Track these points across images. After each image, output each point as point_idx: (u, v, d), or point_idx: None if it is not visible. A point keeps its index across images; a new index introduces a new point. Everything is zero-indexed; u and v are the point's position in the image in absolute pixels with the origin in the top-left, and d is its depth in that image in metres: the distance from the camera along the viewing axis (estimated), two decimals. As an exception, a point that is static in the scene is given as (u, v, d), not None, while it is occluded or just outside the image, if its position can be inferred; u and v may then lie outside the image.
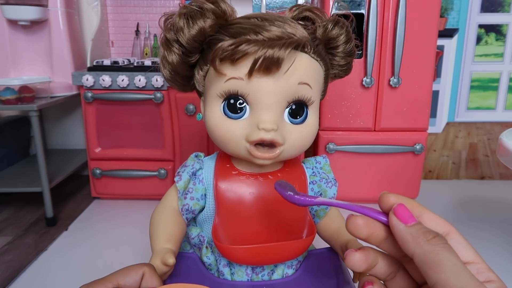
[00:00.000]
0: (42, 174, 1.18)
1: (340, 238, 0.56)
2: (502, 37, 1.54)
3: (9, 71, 1.40)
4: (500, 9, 1.51)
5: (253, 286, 0.52)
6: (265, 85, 0.45)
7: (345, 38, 0.52)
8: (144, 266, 0.38)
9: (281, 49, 0.43)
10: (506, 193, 1.50)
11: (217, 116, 0.49)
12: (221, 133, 0.49)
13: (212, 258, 0.55)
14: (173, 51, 0.50)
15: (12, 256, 1.04)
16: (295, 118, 0.49)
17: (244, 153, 0.49)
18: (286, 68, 0.45)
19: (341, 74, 0.57)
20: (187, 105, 1.27)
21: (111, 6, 1.56)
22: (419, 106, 1.26)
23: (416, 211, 0.30)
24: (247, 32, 0.45)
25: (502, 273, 0.31)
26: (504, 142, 0.86)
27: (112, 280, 0.35)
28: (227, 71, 0.46)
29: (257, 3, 1.42)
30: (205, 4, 0.47)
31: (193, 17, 0.47)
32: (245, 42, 0.43)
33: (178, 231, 0.53)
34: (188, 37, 0.48)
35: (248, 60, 0.44)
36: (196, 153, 0.59)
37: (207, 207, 0.55)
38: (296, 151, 0.51)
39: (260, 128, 0.46)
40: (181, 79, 0.53)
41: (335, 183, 0.58)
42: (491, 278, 0.28)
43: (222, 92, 0.47)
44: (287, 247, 0.50)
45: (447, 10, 1.51)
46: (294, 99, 0.48)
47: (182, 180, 0.55)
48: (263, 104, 0.46)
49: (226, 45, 0.44)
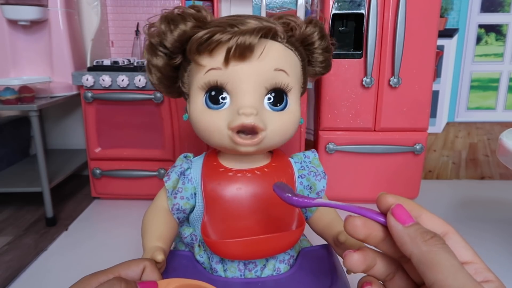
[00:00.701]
0: (42, 174, 1.18)
1: (331, 230, 0.57)
2: (502, 37, 1.54)
3: (9, 71, 1.40)
4: (500, 9, 1.51)
5: (246, 282, 0.53)
6: (241, 71, 0.48)
7: (319, 34, 0.55)
8: (145, 260, 0.39)
9: (252, 35, 0.45)
10: (506, 193, 1.50)
11: (199, 108, 0.51)
12: (204, 124, 0.51)
13: (205, 256, 0.55)
14: (158, 54, 0.52)
15: (12, 256, 1.04)
16: (275, 106, 0.51)
17: (227, 143, 0.50)
18: (259, 53, 0.47)
19: (321, 71, 0.59)
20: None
21: (111, 6, 1.56)
22: (419, 106, 1.26)
23: (414, 211, 0.30)
24: (224, 25, 0.48)
25: (502, 273, 0.31)
26: (504, 142, 0.86)
27: (114, 272, 0.36)
28: (205, 62, 0.48)
29: (257, 3, 1.42)
30: (186, 9, 0.50)
31: (175, 20, 0.50)
32: (219, 31, 0.46)
33: (168, 230, 0.54)
34: (171, 39, 0.50)
35: (223, 49, 0.47)
36: (185, 153, 0.61)
37: (197, 206, 0.55)
38: (278, 138, 0.52)
39: (240, 113, 0.47)
40: (167, 81, 0.56)
41: (324, 176, 0.59)
42: (489, 278, 0.28)
43: (203, 84, 0.50)
44: (277, 239, 0.50)
45: (447, 10, 1.51)
46: (272, 85, 0.50)
47: (171, 179, 0.56)
48: (241, 90, 0.48)
49: (200, 34, 0.47)
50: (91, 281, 0.34)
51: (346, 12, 1.20)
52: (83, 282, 0.34)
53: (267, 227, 0.52)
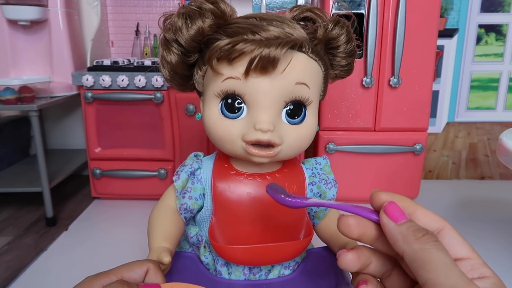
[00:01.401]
0: (42, 174, 1.18)
1: (339, 239, 0.56)
2: (502, 37, 1.54)
3: (9, 71, 1.40)
4: (500, 9, 1.51)
5: (250, 285, 0.52)
6: (261, 85, 0.45)
7: (346, 38, 0.51)
8: (149, 262, 0.38)
9: (278, 48, 0.43)
10: (506, 193, 1.50)
11: (214, 116, 0.49)
12: (218, 132, 0.49)
13: (210, 257, 0.55)
14: (172, 51, 0.50)
15: (12, 256, 1.04)
16: (293, 119, 0.49)
17: (241, 152, 0.49)
18: (283, 68, 0.45)
19: (342, 74, 0.57)
20: (187, 105, 1.27)
21: (111, 6, 1.56)
22: (419, 106, 1.26)
23: (408, 208, 0.30)
24: (245, 31, 0.45)
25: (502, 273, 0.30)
26: (504, 142, 0.86)
27: (116, 273, 0.35)
28: (224, 70, 0.46)
29: (257, 3, 1.42)
30: (204, 4, 0.47)
31: (192, 17, 0.47)
32: (241, 41, 0.43)
33: (175, 230, 0.53)
34: (187, 37, 0.47)
35: (244, 60, 0.44)
36: (195, 152, 0.59)
37: (205, 206, 0.55)
38: (293, 151, 0.51)
39: (256, 128, 0.46)
40: (180, 79, 0.53)
41: (334, 184, 0.57)
42: (486, 274, 0.27)
43: (220, 92, 0.47)
44: (284, 248, 0.50)
45: (447, 10, 1.51)
46: (291, 99, 0.48)
47: (181, 179, 0.54)
48: (260, 104, 0.46)
49: (222, 44, 0.44)
50: (93, 284, 0.33)
51: (346, 12, 1.20)
52: (85, 284, 0.34)
53: (274, 234, 0.52)
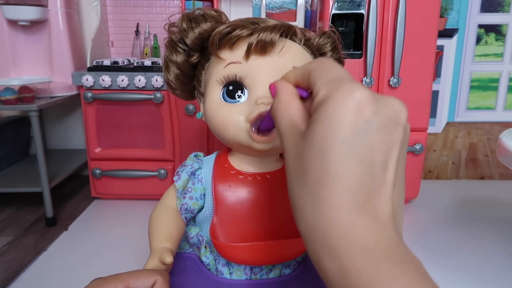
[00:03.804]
0: (42, 174, 1.18)
1: None
2: (502, 37, 1.54)
3: (9, 71, 1.40)
4: (500, 9, 1.51)
5: (252, 285, 0.52)
6: (261, 65, 0.49)
7: (331, 46, 0.57)
8: (157, 274, 0.38)
9: (273, 31, 0.47)
10: (506, 193, 1.50)
11: (215, 102, 0.51)
12: (220, 117, 0.50)
13: (211, 257, 0.55)
14: (178, 51, 0.54)
15: (12, 256, 1.04)
16: None
17: (244, 137, 0.49)
18: (280, 48, 0.49)
19: None
20: (187, 105, 1.27)
21: (111, 6, 1.56)
22: (419, 106, 1.26)
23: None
24: (245, 23, 0.49)
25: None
26: (504, 142, 0.86)
27: (123, 280, 0.35)
28: (225, 56, 0.50)
29: (257, 3, 1.42)
30: (207, 11, 0.52)
31: (196, 20, 0.52)
32: (240, 26, 0.48)
33: (176, 230, 0.53)
34: (192, 36, 0.52)
35: (244, 44, 0.48)
36: (196, 152, 0.59)
37: (206, 206, 0.55)
38: None
39: (258, 103, 0.48)
40: (184, 78, 0.56)
41: None
42: None
43: (222, 78, 0.50)
44: (286, 246, 0.50)
45: (447, 10, 1.51)
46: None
47: (181, 179, 0.55)
48: (260, 83, 0.49)
49: (222, 28, 0.49)
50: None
51: (346, 12, 1.20)
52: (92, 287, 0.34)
53: (276, 233, 0.52)
